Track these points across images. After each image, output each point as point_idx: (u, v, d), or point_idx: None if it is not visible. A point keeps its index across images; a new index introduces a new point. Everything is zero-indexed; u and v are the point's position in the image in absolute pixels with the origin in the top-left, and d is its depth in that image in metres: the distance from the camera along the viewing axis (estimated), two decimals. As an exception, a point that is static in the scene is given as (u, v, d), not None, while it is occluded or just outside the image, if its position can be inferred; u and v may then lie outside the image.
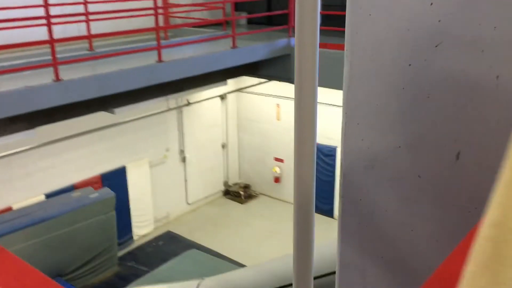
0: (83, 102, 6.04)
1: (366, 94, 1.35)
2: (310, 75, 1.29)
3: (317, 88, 1.31)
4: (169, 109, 11.41)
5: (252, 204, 13.12)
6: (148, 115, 10.68)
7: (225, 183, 13.58)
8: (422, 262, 1.37)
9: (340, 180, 1.50)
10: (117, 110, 6.57)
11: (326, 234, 10.93)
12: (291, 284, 4.07)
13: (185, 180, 12.28)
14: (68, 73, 5.91)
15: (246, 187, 13.48)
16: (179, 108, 11.70)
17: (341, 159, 1.48)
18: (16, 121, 5.80)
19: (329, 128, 11.14)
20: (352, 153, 1.44)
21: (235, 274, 4.82)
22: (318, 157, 11.59)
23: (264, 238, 11.18)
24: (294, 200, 1.47)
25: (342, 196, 1.50)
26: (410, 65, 1.25)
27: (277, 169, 12.78)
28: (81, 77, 5.95)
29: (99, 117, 7.77)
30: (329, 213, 11.91)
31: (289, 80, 8.56)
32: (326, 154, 11.53)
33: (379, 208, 1.42)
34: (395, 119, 1.31)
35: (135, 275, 9.36)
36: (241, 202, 13.15)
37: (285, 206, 12.80)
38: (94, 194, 8.72)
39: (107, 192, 8.97)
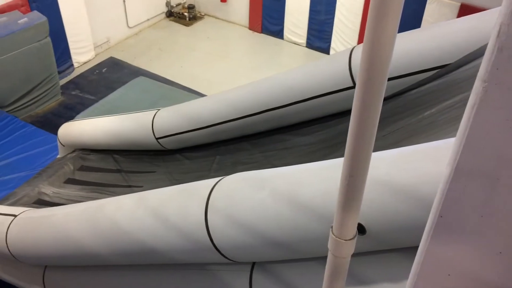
0: None
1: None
2: None
3: None
4: None
5: (197, 26, 12.46)
6: None
7: (168, 4, 12.60)
8: None
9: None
10: None
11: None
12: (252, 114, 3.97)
13: (124, 1, 11.23)
14: None
15: (190, 7, 12.61)
16: None
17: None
18: None
19: None
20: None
21: (192, 104, 4.66)
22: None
23: (212, 61, 10.90)
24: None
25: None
26: None
27: (224, -12, 11.89)
28: None
29: None
30: (279, 34, 11.60)
31: None
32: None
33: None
34: None
35: (81, 104, 9.08)
36: (186, 24, 12.45)
37: (232, 27, 12.30)
38: (23, 19, 7.80)
39: (37, 16, 8.04)
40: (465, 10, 8.51)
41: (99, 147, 5.63)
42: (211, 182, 2.52)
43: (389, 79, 3.14)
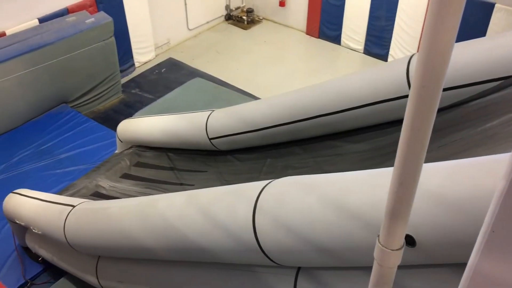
0: None
1: None
2: None
3: None
4: None
5: (255, 29, 12.58)
6: None
7: (227, 7, 12.82)
8: None
9: None
10: None
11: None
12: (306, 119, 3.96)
13: (185, 4, 11.53)
14: None
15: (249, 11, 12.76)
16: None
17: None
18: None
19: None
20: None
21: (246, 106, 4.72)
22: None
23: (268, 65, 10.96)
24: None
25: None
26: None
27: (283, -8, 11.93)
28: None
29: None
30: (336, 40, 11.49)
31: None
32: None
33: None
34: None
35: (140, 102, 9.40)
36: (244, 28, 12.60)
37: (290, 31, 12.33)
38: (90, 19, 8.19)
39: (103, 17, 8.42)
40: (535, 19, 8.09)
41: (154, 145, 5.81)
42: (260, 184, 2.54)
43: (449, 89, 3.05)
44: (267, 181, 2.56)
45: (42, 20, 8.41)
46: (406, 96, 3.34)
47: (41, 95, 8.10)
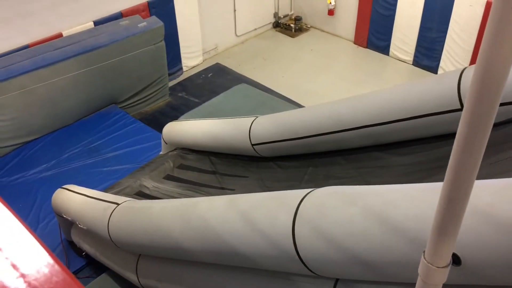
0: None
1: None
2: None
3: None
4: None
5: (302, 37, 12.58)
6: None
7: (275, 15, 12.88)
8: None
9: None
10: None
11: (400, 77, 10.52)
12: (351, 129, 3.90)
13: (234, 10, 11.68)
14: None
15: (297, 19, 12.77)
16: None
17: None
18: None
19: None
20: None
21: (289, 114, 4.71)
22: (379, -12, 10.58)
23: (314, 73, 10.92)
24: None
25: None
26: None
27: (332, 0, 11.86)
28: None
29: None
30: (385, 50, 11.30)
31: None
32: (388, -15, 10.44)
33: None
34: None
35: (186, 106, 9.58)
36: (291, 36, 12.62)
37: (337, 40, 12.24)
38: (142, 23, 8.43)
39: (155, 21, 8.65)
40: None
41: (198, 148, 5.89)
42: (301, 192, 2.53)
43: (506, 104, 2.93)
44: (308, 190, 2.54)
45: (97, 23, 8.75)
46: (456, 110, 3.25)
47: (93, 95, 8.41)
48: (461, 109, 3.27)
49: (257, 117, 5.09)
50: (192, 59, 11.06)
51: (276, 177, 4.77)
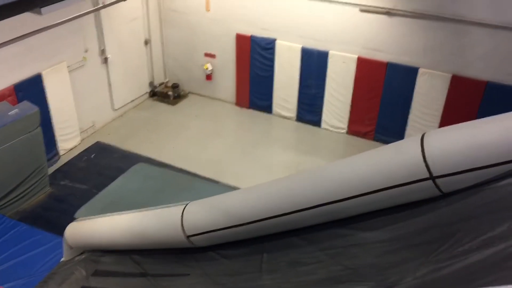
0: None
1: None
2: None
3: None
4: None
5: (183, 104, 12.32)
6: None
7: (151, 84, 12.49)
8: None
9: None
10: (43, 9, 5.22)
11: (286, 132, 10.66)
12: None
13: (109, 84, 11.03)
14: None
15: (174, 86, 12.52)
16: None
17: None
18: None
19: (266, 19, 10.44)
20: None
21: (229, 197, 4.33)
22: (255, 51, 10.93)
23: (205, 140, 10.66)
24: None
25: None
26: None
27: (209, 66, 11.90)
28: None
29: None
30: (268, 109, 11.56)
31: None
32: (264, 48, 10.80)
33: None
34: None
35: (72, 195, 8.55)
36: (171, 103, 12.29)
37: (219, 104, 12.23)
38: (14, 110, 7.40)
39: (28, 107, 7.67)
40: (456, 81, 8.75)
41: (114, 248, 5.14)
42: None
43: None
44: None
45: (-45, 115, 7.46)
46: (425, 179, 3.20)
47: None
48: (430, 178, 3.25)
49: (187, 204, 4.60)
50: (69, 140, 10.05)
51: (225, 270, 4.29)
